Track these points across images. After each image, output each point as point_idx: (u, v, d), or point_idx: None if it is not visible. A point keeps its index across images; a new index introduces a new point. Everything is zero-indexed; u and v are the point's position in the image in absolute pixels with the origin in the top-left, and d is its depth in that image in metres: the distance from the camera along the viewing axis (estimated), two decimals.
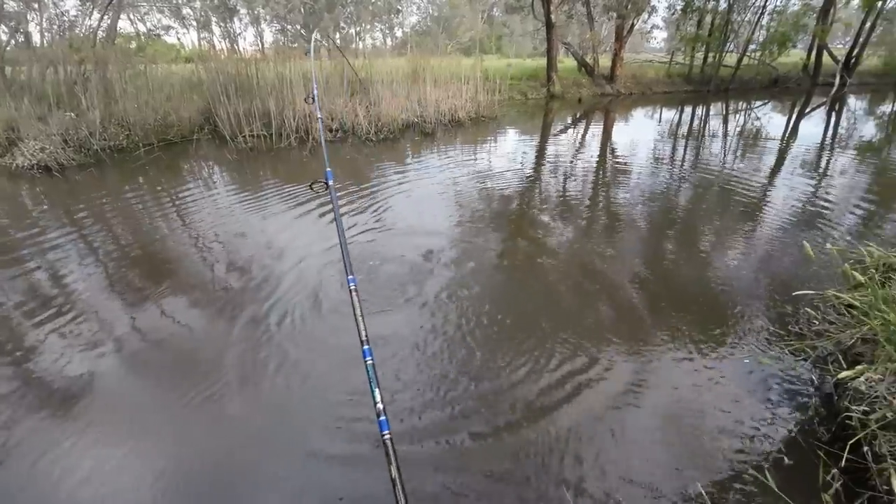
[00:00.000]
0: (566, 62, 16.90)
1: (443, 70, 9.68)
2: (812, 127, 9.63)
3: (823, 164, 6.40)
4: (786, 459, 1.76)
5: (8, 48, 8.36)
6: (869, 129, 9.01)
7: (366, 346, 1.09)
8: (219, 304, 2.84)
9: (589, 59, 15.49)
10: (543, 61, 14.51)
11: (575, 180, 5.72)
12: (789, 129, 9.36)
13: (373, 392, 0.98)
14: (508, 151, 7.13)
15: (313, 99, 2.62)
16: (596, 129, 9.55)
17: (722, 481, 1.69)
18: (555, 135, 8.96)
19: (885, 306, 1.81)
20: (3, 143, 6.21)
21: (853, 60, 16.06)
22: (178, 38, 25.11)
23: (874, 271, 2.13)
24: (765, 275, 3.14)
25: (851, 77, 16.06)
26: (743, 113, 11.73)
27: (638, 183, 5.50)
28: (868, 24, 15.40)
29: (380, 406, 0.95)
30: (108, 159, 6.35)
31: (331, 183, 1.86)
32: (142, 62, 8.17)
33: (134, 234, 3.98)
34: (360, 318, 1.14)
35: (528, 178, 5.76)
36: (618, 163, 6.65)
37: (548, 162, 6.66)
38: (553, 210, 4.56)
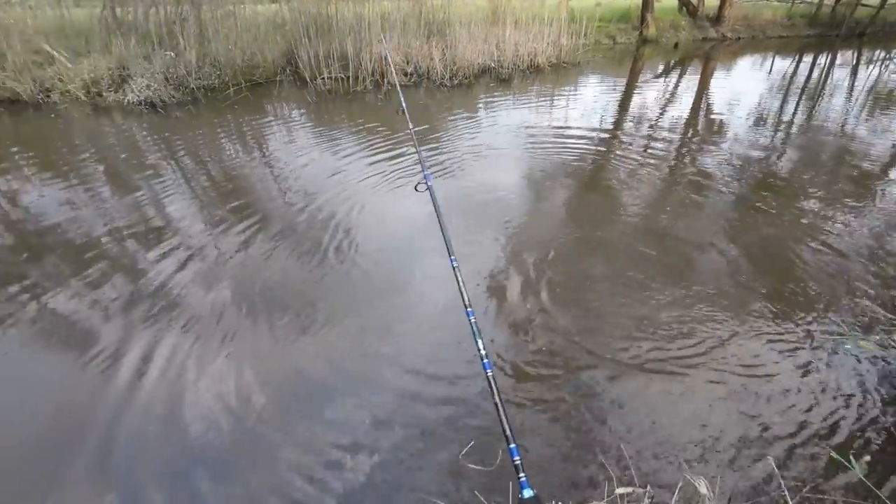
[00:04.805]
0: (665, 1, 15.08)
1: (525, 11, 9.07)
2: None
3: None
4: (872, 446, 1.63)
5: None
6: None
7: (469, 309, 1.35)
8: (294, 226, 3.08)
9: None
10: (639, 0, 13.05)
11: (659, 140, 5.25)
12: None
13: (476, 342, 1.24)
14: (588, 103, 6.68)
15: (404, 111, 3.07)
16: (691, 80, 8.59)
17: (801, 461, 1.61)
18: (642, 84, 8.20)
19: None
20: (116, 80, 6.85)
21: None
22: None
23: None
24: (875, 252, 2.79)
25: None
26: (879, 63, 9.94)
27: (733, 145, 4.95)
28: None
29: (482, 352, 1.21)
30: (202, 98, 6.81)
31: (430, 185, 2.04)
32: (231, 2, 8.45)
33: (223, 167, 4.35)
34: (462, 286, 1.43)
35: (607, 136, 5.39)
36: (712, 120, 6.00)
37: (630, 118, 6.16)
38: (631, 173, 4.28)
